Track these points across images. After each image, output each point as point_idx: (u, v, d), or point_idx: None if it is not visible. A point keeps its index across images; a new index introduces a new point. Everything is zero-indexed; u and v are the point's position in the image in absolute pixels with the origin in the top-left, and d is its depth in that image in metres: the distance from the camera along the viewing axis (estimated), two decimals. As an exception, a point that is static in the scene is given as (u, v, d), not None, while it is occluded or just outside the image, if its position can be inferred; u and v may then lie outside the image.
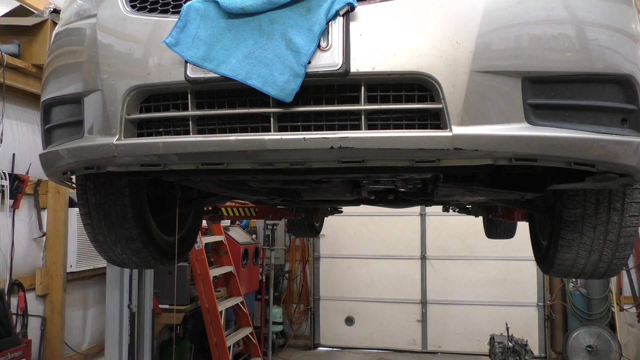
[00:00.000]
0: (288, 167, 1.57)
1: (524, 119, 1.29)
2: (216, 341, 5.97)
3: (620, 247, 1.80)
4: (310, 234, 5.36)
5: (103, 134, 1.53)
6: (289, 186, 2.39)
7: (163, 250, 2.32)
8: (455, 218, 6.94)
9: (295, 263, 8.97)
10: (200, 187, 2.37)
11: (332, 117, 1.36)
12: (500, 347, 6.18)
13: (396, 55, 1.29)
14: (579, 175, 1.53)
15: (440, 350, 8.44)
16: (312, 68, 1.30)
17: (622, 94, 1.33)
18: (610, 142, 1.32)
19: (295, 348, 8.71)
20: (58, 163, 1.69)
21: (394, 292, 8.54)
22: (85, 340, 5.18)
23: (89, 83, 1.55)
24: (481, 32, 1.28)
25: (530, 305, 8.11)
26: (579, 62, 1.30)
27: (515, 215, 3.39)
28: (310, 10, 1.31)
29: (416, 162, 1.41)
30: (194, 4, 1.38)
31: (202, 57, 1.36)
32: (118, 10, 1.53)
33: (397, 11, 1.31)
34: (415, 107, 1.32)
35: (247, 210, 4.25)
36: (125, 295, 5.04)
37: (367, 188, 2.45)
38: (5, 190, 4.06)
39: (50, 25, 4.04)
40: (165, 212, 2.32)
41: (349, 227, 8.56)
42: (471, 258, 8.29)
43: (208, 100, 1.43)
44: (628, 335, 7.01)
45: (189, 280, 6.06)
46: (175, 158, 1.51)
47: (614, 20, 1.34)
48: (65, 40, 1.69)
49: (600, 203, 1.75)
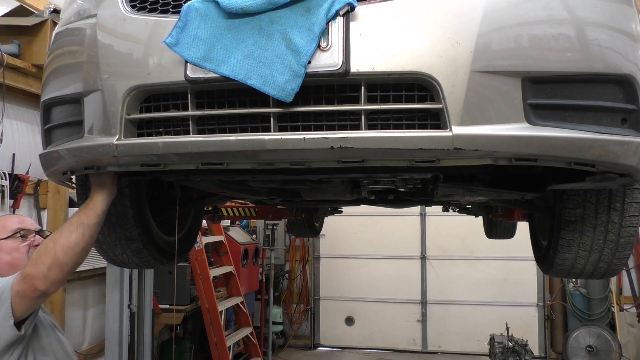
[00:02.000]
0: (288, 167, 1.57)
1: (524, 119, 1.29)
2: (216, 341, 5.97)
3: (620, 247, 1.80)
4: (310, 234, 5.36)
5: (103, 134, 1.53)
6: (289, 186, 2.39)
7: (163, 250, 2.32)
8: (455, 218, 6.93)
9: (295, 263, 8.97)
10: (200, 187, 2.37)
11: (332, 117, 1.36)
12: (500, 347, 6.18)
13: (396, 55, 1.29)
14: (579, 175, 1.53)
15: (440, 350, 8.44)
16: (312, 68, 1.30)
17: (622, 94, 1.33)
18: (610, 142, 1.32)
19: (295, 348, 8.71)
20: (58, 163, 1.69)
21: (394, 292, 8.54)
22: (85, 340, 5.17)
23: (89, 83, 1.55)
24: (481, 32, 1.28)
25: (530, 305, 8.11)
26: (579, 62, 1.30)
27: (515, 215, 3.39)
28: (310, 10, 1.31)
29: (416, 162, 1.41)
30: (194, 4, 1.38)
31: (202, 57, 1.36)
32: (118, 10, 1.53)
33: (397, 11, 1.31)
34: (415, 107, 1.32)
35: (247, 210, 4.25)
36: (125, 295, 5.05)
37: (367, 188, 2.45)
38: (5, 190, 4.05)
39: (50, 25, 4.04)
40: (165, 212, 2.32)
41: (349, 227, 8.56)
42: (471, 258, 8.29)
43: (208, 100, 1.43)
44: (628, 335, 7.00)
45: (189, 280, 6.06)
46: (175, 158, 1.51)
47: (614, 20, 1.34)
48: (65, 40, 1.69)
49: (600, 203, 1.75)
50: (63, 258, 1.72)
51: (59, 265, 1.73)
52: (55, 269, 1.72)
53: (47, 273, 1.72)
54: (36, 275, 1.73)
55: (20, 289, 1.76)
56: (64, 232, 1.76)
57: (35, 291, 1.75)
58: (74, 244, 1.73)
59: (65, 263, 1.73)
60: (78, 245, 1.74)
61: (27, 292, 1.76)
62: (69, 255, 1.73)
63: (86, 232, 1.75)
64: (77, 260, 1.77)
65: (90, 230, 1.76)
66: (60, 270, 1.74)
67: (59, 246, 1.73)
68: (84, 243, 1.75)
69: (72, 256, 1.73)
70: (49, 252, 1.73)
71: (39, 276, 1.72)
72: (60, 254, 1.72)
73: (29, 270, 1.76)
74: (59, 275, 1.74)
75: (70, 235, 1.74)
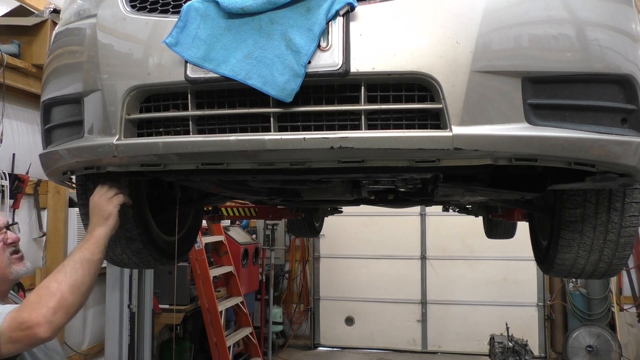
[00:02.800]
0: (288, 167, 1.57)
1: (524, 119, 1.29)
2: (216, 341, 5.97)
3: (620, 247, 1.80)
4: (310, 234, 5.36)
5: (103, 134, 1.53)
6: (289, 186, 2.39)
7: (163, 250, 2.32)
8: (455, 218, 6.93)
9: (295, 263, 8.96)
10: (201, 187, 2.37)
11: (332, 117, 1.36)
12: (500, 347, 6.18)
13: (396, 55, 1.29)
14: (579, 175, 1.53)
15: (440, 350, 8.43)
16: (312, 68, 1.30)
17: (622, 94, 1.33)
18: (610, 142, 1.32)
19: (295, 348, 8.71)
20: (58, 163, 1.69)
21: (394, 292, 8.53)
22: (85, 340, 5.17)
23: (89, 83, 1.55)
24: (481, 32, 1.28)
25: (530, 305, 8.11)
26: (579, 62, 1.30)
27: (515, 215, 3.39)
28: (310, 10, 1.31)
29: (416, 162, 1.41)
30: (194, 4, 1.38)
31: (202, 57, 1.36)
32: (118, 10, 1.53)
33: (397, 11, 1.31)
34: (415, 107, 1.32)
35: (247, 210, 4.25)
36: (125, 295, 5.04)
37: (367, 188, 2.45)
38: (5, 190, 4.05)
39: (50, 25, 4.04)
40: (165, 212, 2.32)
41: (349, 227, 8.55)
42: (471, 258, 8.29)
43: (208, 100, 1.43)
44: (628, 335, 7.00)
45: (189, 280, 6.06)
46: (175, 158, 1.51)
47: (614, 20, 1.34)
48: (65, 40, 1.69)
49: (600, 203, 1.75)
50: (70, 299, 1.54)
51: (66, 308, 1.54)
52: (61, 313, 1.52)
53: (52, 318, 1.51)
54: (38, 322, 1.50)
55: (14, 336, 1.53)
56: (67, 270, 1.58)
57: (33, 338, 1.53)
58: (80, 282, 1.57)
59: (72, 305, 1.55)
60: (84, 284, 1.58)
61: (22, 340, 1.54)
62: (76, 295, 1.55)
63: (92, 269, 1.61)
64: (82, 301, 1.59)
65: (95, 267, 1.62)
66: (66, 313, 1.54)
67: (65, 286, 1.54)
68: (90, 281, 1.60)
69: (78, 296, 1.56)
70: (53, 294, 1.53)
71: (41, 322, 1.50)
72: (67, 294, 1.54)
73: (26, 316, 1.52)
74: (64, 320, 1.55)
75: (76, 273, 1.58)
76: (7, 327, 1.54)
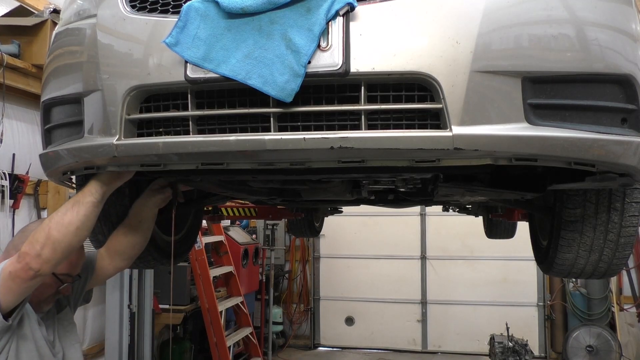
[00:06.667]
0: (288, 167, 1.57)
1: (524, 118, 1.29)
2: (216, 341, 5.97)
3: (620, 247, 1.80)
4: (310, 234, 5.36)
5: (103, 134, 1.53)
6: (289, 186, 2.39)
7: (163, 250, 2.32)
8: (455, 218, 6.93)
9: (295, 263, 8.97)
10: (201, 187, 2.37)
11: (332, 117, 1.36)
12: (500, 347, 6.18)
13: (396, 55, 1.29)
14: (579, 175, 1.53)
15: (441, 350, 8.44)
16: (312, 68, 1.30)
17: (622, 94, 1.33)
18: (610, 142, 1.32)
19: (295, 348, 8.72)
20: (58, 163, 1.69)
21: (394, 292, 8.54)
22: (85, 340, 5.17)
23: (89, 83, 1.55)
24: (481, 32, 1.28)
25: (530, 305, 8.12)
26: (579, 62, 1.30)
27: (515, 215, 3.39)
28: (310, 10, 1.31)
29: (416, 162, 1.41)
30: (194, 4, 1.38)
31: (202, 57, 1.36)
32: (118, 10, 1.53)
33: (397, 11, 1.31)
34: (415, 107, 1.32)
35: (247, 210, 4.25)
36: (125, 295, 5.05)
37: (367, 188, 2.45)
38: (5, 190, 4.05)
39: (50, 25, 4.04)
40: (165, 212, 2.32)
41: (349, 227, 8.56)
42: (471, 258, 8.29)
43: (208, 100, 1.43)
44: (628, 335, 7.00)
45: (189, 280, 6.06)
46: (175, 158, 1.51)
47: (614, 20, 1.34)
48: (65, 41, 1.69)
49: (600, 203, 1.75)
50: (56, 235, 1.69)
51: (52, 243, 1.69)
52: (48, 247, 1.69)
53: (41, 251, 1.69)
54: (29, 253, 1.70)
55: (13, 270, 1.72)
56: (59, 210, 1.74)
57: (28, 271, 1.70)
58: (67, 221, 1.70)
59: (58, 241, 1.69)
60: (72, 223, 1.70)
61: (20, 273, 1.71)
62: (62, 233, 1.69)
63: (80, 210, 1.71)
64: (70, 240, 1.72)
65: (84, 209, 1.72)
66: (53, 248, 1.69)
67: (53, 223, 1.70)
68: (78, 222, 1.71)
69: (65, 234, 1.69)
70: (43, 230, 1.70)
71: (32, 254, 1.69)
72: (54, 231, 1.69)
73: (24, 249, 1.72)
74: (51, 255, 1.70)
75: (65, 213, 1.71)
76: (9, 262, 1.75)
